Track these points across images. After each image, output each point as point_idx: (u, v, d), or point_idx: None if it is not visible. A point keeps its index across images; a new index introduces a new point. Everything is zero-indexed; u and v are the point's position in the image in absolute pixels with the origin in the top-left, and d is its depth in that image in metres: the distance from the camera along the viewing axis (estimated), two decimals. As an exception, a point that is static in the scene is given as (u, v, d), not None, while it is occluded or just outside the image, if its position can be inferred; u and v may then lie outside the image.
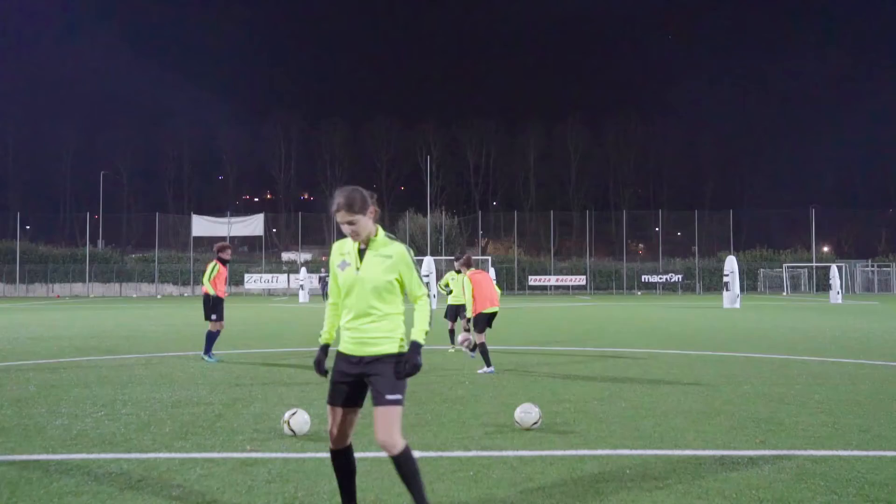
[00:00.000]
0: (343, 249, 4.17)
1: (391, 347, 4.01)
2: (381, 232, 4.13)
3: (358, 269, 4.05)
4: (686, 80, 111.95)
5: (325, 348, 4.27)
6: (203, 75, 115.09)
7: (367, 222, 4.04)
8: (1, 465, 5.53)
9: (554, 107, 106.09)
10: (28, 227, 69.45)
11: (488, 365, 10.71)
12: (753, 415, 7.36)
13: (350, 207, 3.98)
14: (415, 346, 4.02)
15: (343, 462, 4.15)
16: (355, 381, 4.04)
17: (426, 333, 4.06)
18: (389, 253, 4.05)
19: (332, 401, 4.08)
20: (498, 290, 11.60)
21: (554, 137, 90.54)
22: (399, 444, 3.90)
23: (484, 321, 11.04)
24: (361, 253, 4.09)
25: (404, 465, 3.92)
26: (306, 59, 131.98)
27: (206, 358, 12.01)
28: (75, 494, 4.76)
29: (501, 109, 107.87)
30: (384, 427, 3.89)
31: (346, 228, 4.03)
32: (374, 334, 4.02)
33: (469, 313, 11.31)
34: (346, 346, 4.07)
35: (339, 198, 4.00)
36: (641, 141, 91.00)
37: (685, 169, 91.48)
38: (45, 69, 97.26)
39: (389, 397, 3.91)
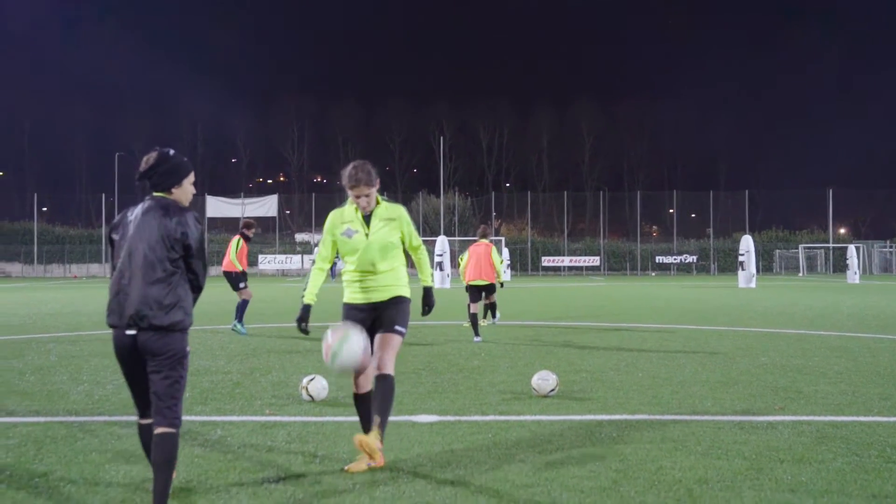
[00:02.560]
0: (344, 218, 4.60)
1: (399, 291, 4.60)
2: (380, 198, 4.64)
3: (367, 234, 4.51)
4: (700, 60, 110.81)
5: (307, 308, 4.63)
6: (215, 58, 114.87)
7: (375, 193, 4.59)
8: (26, 425, 5.60)
9: (567, 87, 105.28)
10: (45, 209, 69.94)
11: (476, 335, 11.19)
12: (772, 384, 7.34)
13: (369, 182, 4.50)
14: (427, 290, 4.75)
15: (364, 404, 4.60)
16: (367, 325, 4.52)
17: (431, 276, 4.72)
18: (393, 216, 4.60)
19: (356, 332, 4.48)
20: (497, 267, 11.75)
21: (567, 118, 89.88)
22: (392, 368, 4.49)
23: (475, 292, 11.57)
24: (367, 219, 4.54)
25: (388, 385, 4.44)
26: (318, 40, 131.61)
27: (238, 326, 12.06)
28: (99, 452, 4.82)
29: (514, 90, 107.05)
30: (387, 349, 4.48)
31: (361, 201, 4.50)
32: (384, 282, 4.55)
33: (463, 280, 12.00)
34: (354, 297, 4.56)
35: (359, 174, 4.49)
36: (655, 121, 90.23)
37: (700, 149, 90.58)
38: (60, 53, 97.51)
39: (398, 328, 4.53)
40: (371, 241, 4.50)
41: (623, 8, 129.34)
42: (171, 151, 3.85)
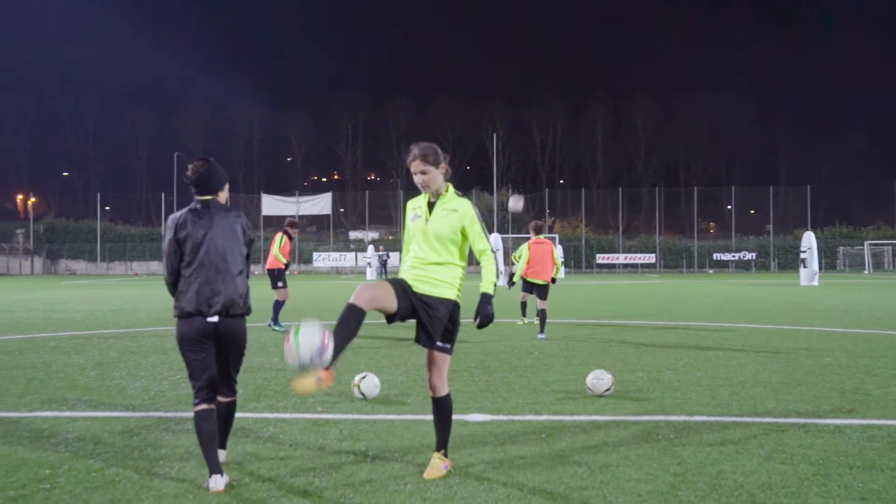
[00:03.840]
0: (415, 204, 4.52)
1: (449, 293, 4.29)
2: (451, 189, 4.46)
3: (427, 220, 4.37)
4: (758, 51, 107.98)
5: None
6: (270, 58, 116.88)
7: (437, 176, 4.36)
8: (85, 420, 5.72)
9: (622, 82, 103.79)
10: (108, 208, 72.07)
11: (523, 315, 12.49)
12: (838, 386, 7.05)
13: (424, 158, 4.32)
14: (485, 298, 4.29)
15: (354, 318, 4.22)
16: (411, 296, 4.25)
17: (494, 285, 4.28)
18: (455, 207, 4.37)
19: (391, 282, 4.26)
20: (557, 265, 12.02)
21: (622, 113, 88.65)
22: (444, 389, 4.31)
23: (528, 285, 11.84)
24: (431, 206, 4.41)
25: (443, 408, 4.32)
26: (372, 39, 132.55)
27: (275, 328, 12.27)
28: (154, 448, 4.87)
29: (568, 85, 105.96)
30: (436, 371, 4.29)
31: (417, 178, 4.36)
32: (436, 276, 4.28)
33: (517, 277, 11.98)
34: (408, 280, 4.33)
35: (414, 149, 4.39)
36: (712, 115, 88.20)
37: (758, 144, 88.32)
38: (121, 56, 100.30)
39: (440, 344, 4.26)
40: (428, 227, 4.32)
41: (678, 1, 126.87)
42: (212, 159, 4.41)
